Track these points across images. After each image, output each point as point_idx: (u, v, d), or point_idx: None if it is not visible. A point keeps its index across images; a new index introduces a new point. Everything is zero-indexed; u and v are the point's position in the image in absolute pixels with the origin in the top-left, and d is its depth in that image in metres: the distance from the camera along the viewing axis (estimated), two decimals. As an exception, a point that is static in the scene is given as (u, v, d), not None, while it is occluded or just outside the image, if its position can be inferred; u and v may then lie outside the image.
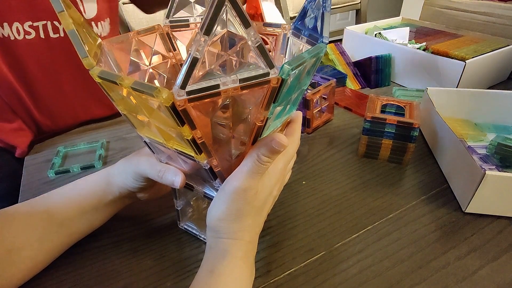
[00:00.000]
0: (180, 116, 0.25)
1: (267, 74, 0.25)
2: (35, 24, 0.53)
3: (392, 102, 0.59)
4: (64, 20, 0.26)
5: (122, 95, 0.29)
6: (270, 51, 0.38)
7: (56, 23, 0.55)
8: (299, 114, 0.39)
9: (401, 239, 0.44)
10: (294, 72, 0.26)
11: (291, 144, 0.36)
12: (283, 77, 0.25)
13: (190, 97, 0.24)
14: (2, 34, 0.52)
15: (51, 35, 0.55)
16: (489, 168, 0.46)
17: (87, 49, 0.27)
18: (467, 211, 0.47)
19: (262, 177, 0.33)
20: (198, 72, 0.23)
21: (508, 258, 0.41)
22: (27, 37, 0.54)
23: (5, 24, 0.51)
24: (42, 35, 0.54)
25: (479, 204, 0.46)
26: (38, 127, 0.65)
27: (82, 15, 0.56)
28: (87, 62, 0.27)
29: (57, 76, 0.60)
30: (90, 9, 0.58)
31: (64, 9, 0.25)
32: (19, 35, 0.53)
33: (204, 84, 0.24)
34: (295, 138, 0.37)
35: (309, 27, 0.34)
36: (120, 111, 0.32)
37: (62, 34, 0.56)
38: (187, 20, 0.40)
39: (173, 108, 0.24)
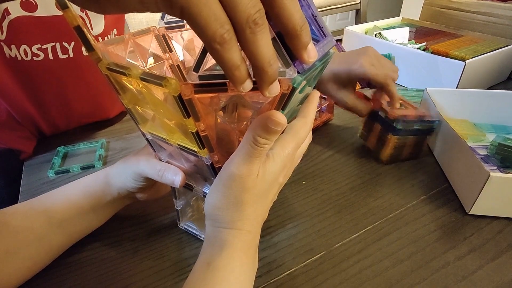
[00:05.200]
0: (186, 107, 0.25)
1: (284, 73, 0.24)
2: (43, 46, 0.53)
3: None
4: (69, 16, 0.26)
5: (129, 87, 0.29)
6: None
7: (65, 44, 0.54)
8: (316, 94, 0.35)
9: (401, 239, 0.44)
10: (305, 80, 0.26)
11: (303, 126, 0.32)
12: (294, 85, 0.25)
13: (200, 82, 0.24)
14: (9, 54, 0.52)
15: (60, 55, 0.55)
16: (491, 169, 0.46)
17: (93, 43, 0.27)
18: (471, 212, 0.47)
19: (265, 162, 0.30)
20: (211, 59, 0.23)
21: (508, 258, 0.41)
22: (35, 58, 0.53)
23: (13, 47, 0.51)
24: (50, 57, 0.54)
25: (483, 206, 0.46)
26: (42, 135, 0.66)
27: (90, 32, 0.56)
28: (95, 57, 0.27)
29: (65, 91, 0.61)
30: (98, 25, 0.58)
31: (69, 6, 0.26)
32: (26, 56, 0.53)
33: (217, 71, 0.24)
34: (308, 120, 0.33)
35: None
36: (124, 105, 0.32)
37: (71, 55, 0.56)
38: (183, 21, 0.40)
39: (180, 98, 0.24)
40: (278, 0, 0.20)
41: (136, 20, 1.63)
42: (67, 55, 0.56)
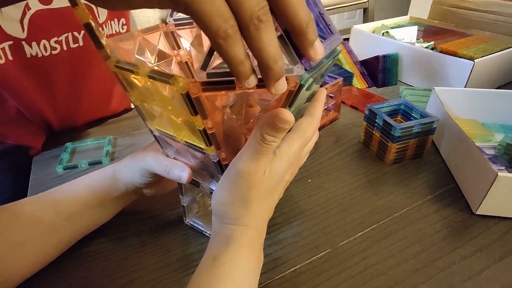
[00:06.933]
0: (193, 105, 0.25)
1: (291, 70, 0.24)
2: (59, 38, 0.54)
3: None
4: (79, 13, 0.26)
5: (137, 85, 0.29)
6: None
7: (75, 33, 0.56)
8: (323, 92, 0.35)
9: (407, 238, 0.44)
10: (312, 78, 0.26)
11: (309, 125, 0.32)
12: (302, 83, 0.25)
13: (208, 80, 0.24)
14: (30, 53, 0.53)
15: (71, 45, 0.56)
16: (498, 169, 0.46)
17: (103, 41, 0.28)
18: (478, 212, 0.46)
19: (272, 160, 0.30)
20: (219, 57, 0.23)
21: (515, 258, 0.41)
22: (53, 52, 0.55)
23: (34, 43, 0.52)
24: (65, 48, 0.56)
25: (490, 206, 0.45)
26: (50, 130, 0.67)
27: (97, 19, 0.57)
28: (104, 54, 0.28)
29: (77, 84, 0.62)
30: (103, 12, 0.59)
31: (79, 3, 0.26)
32: (46, 52, 0.54)
33: (224, 69, 0.24)
34: (314, 118, 0.33)
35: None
36: (132, 102, 0.32)
37: (81, 44, 0.57)
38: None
39: (187, 96, 0.24)
40: None
41: (144, 17, 1.65)
42: (77, 44, 0.57)
